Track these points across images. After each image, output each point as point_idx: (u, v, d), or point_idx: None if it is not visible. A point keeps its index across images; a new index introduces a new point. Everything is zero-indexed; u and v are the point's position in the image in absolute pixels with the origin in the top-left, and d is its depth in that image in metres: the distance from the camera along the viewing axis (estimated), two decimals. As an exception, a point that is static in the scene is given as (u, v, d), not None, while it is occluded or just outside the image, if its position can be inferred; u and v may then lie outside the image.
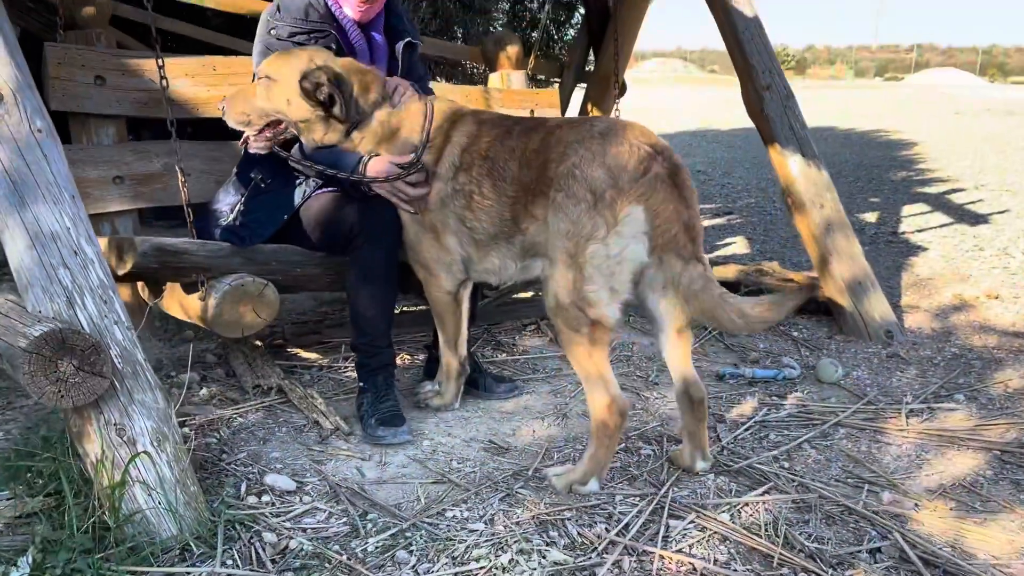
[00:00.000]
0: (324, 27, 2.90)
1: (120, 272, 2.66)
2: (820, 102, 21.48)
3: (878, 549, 2.18)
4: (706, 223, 7.24)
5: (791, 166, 4.11)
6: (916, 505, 2.41)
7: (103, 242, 2.67)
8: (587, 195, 2.33)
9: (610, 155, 2.34)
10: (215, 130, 3.87)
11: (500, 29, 6.54)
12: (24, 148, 2.17)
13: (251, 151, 2.90)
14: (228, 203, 3.00)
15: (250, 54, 3.11)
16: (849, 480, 2.57)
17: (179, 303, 2.95)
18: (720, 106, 22.33)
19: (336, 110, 2.72)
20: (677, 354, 2.55)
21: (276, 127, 2.83)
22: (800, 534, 2.24)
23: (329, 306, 4.46)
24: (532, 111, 4.50)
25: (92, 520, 2.07)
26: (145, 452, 2.09)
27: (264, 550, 2.11)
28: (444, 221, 2.75)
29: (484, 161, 2.65)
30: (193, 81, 3.44)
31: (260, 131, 2.83)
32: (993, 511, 2.39)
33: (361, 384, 2.88)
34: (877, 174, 9.88)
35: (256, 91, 2.79)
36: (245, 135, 2.86)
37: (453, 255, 2.80)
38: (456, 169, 2.71)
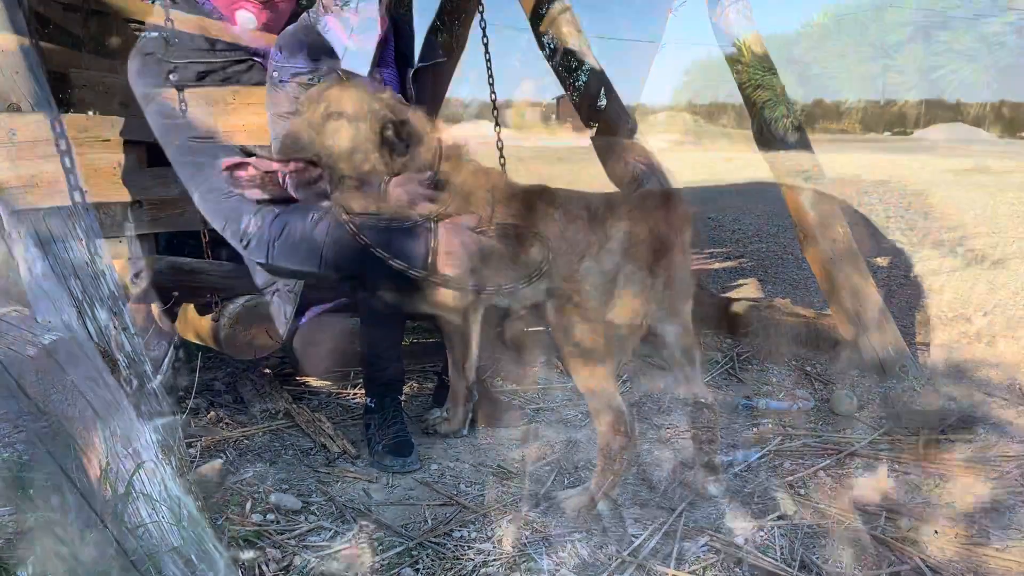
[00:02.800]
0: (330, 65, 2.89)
1: (135, 290, 2.66)
2: (828, 153, 21.57)
3: (898, 573, 2.12)
4: (717, 266, 7.23)
5: (802, 198, 4.10)
6: (936, 531, 2.35)
7: (119, 263, 2.68)
8: (582, 212, 2.35)
9: (607, 174, 2.35)
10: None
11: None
12: (40, 159, 2.18)
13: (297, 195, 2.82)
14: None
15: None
16: (867, 507, 2.51)
17: (192, 326, 2.95)
18: (730, 158, 22.49)
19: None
20: (685, 370, 2.53)
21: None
22: (817, 558, 2.18)
23: (339, 339, 4.46)
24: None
25: (93, 534, 2.04)
26: (151, 461, 2.07)
27: (268, 566, 2.07)
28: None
29: None
30: (212, 109, 3.47)
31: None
32: (1014, 537, 2.33)
33: (368, 402, 2.85)
34: (887, 220, 9.87)
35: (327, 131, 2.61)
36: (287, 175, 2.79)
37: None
38: None
